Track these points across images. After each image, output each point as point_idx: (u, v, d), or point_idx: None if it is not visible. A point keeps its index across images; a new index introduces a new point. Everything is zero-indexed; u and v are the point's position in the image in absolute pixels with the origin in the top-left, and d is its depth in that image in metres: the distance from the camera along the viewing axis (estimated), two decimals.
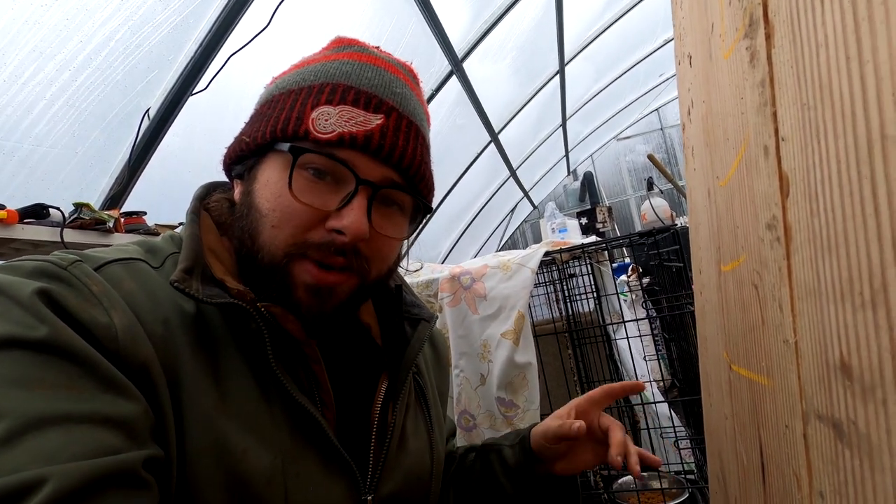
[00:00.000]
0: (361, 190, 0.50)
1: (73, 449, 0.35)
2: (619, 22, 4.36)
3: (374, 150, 0.50)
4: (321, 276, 0.50)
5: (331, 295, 0.51)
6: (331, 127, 0.49)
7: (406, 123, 0.53)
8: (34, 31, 1.48)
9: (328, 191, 0.51)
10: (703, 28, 0.49)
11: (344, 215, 0.49)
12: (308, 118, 0.50)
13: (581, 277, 1.76)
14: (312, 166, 0.50)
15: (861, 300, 0.22)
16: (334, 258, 0.50)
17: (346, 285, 0.52)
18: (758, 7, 0.32)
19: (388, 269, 0.58)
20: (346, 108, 0.50)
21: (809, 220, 0.27)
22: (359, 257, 0.52)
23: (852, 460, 0.24)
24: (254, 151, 0.53)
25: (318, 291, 0.51)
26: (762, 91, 0.33)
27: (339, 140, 0.49)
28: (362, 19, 2.49)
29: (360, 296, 0.55)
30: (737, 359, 0.46)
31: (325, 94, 0.51)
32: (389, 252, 0.56)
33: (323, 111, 0.50)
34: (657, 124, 8.28)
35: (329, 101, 0.50)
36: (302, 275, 0.50)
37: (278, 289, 0.51)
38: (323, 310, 0.52)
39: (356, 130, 0.49)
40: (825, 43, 0.24)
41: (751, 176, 0.36)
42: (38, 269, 0.42)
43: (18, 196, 1.65)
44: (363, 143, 0.50)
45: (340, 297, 0.52)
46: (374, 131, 0.50)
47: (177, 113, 1.96)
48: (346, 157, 0.50)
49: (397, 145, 0.51)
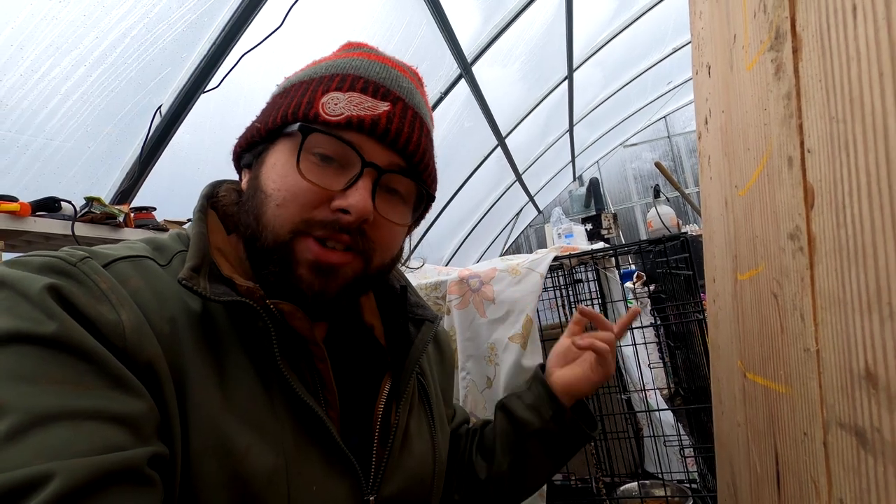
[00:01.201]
0: (367, 172, 0.51)
1: (79, 445, 0.35)
2: (628, 29, 4.36)
3: (381, 135, 0.51)
4: (324, 253, 0.51)
5: (334, 275, 0.52)
6: (339, 110, 0.51)
7: (412, 114, 0.54)
8: (52, 27, 1.49)
9: (335, 174, 0.52)
10: (725, 39, 0.49)
11: (349, 195, 0.50)
12: (318, 102, 0.52)
13: (587, 283, 1.76)
14: (319, 151, 0.51)
15: (889, 311, 0.23)
16: (339, 236, 0.51)
17: (350, 267, 0.53)
18: (785, 21, 0.33)
19: (391, 258, 0.58)
20: (355, 95, 0.52)
21: (835, 231, 0.27)
22: (364, 238, 0.53)
23: (876, 467, 0.24)
24: (264, 137, 0.55)
25: (320, 269, 0.51)
26: (787, 103, 0.33)
27: (347, 122, 0.51)
28: (374, 21, 2.50)
29: (363, 283, 0.55)
30: (752, 367, 0.46)
31: (335, 81, 0.53)
32: (393, 239, 0.57)
33: (332, 96, 0.52)
34: (664, 132, 8.27)
35: (339, 88, 0.52)
36: (304, 252, 0.51)
37: (280, 266, 0.51)
38: (325, 289, 0.52)
39: (364, 114, 0.51)
40: (857, 58, 0.25)
41: (773, 186, 0.37)
42: (47, 265, 0.42)
43: (31, 189, 1.67)
44: (370, 127, 0.51)
45: (344, 279, 0.53)
46: (381, 116, 0.52)
47: (188, 110, 1.97)
48: (353, 140, 0.51)
49: (403, 131, 0.53)
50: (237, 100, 2.15)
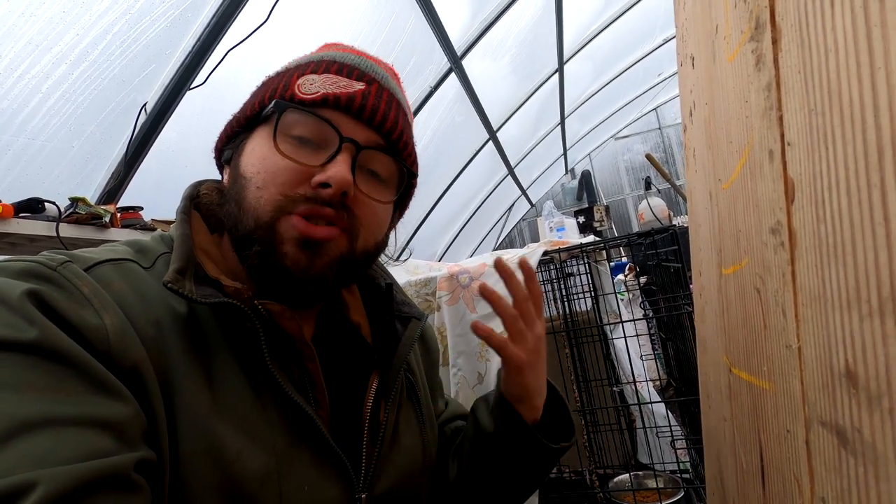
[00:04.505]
0: (345, 148, 0.51)
1: (63, 452, 0.34)
2: (618, 21, 4.35)
3: (357, 112, 0.52)
4: (308, 228, 0.50)
5: (319, 251, 0.51)
6: (315, 89, 0.52)
7: (387, 94, 0.55)
8: (30, 24, 1.46)
9: (312, 153, 0.52)
10: (707, 30, 0.49)
11: (328, 168, 0.50)
12: (294, 85, 0.53)
13: (579, 276, 1.76)
14: (297, 133, 0.52)
15: (869, 308, 0.22)
16: (322, 209, 0.50)
17: (335, 244, 0.52)
18: (764, 10, 0.32)
19: (375, 242, 0.57)
20: (330, 76, 0.53)
21: (815, 226, 0.27)
22: (349, 214, 0.52)
23: (856, 468, 0.24)
24: (243, 126, 0.55)
25: (306, 243, 0.50)
26: (768, 95, 0.32)
27: (322, 100, 0.51)
28: (361, 15, 2.48)
29: (350, 265, 0.54)
30: (737, 362, 0.46)
31: (310, 66, 0.54)
32: (377, 217, 0.56)
33: (308, 78, 0.53)
34: (655, 123, 8.28)
35: (314, 72, 0.54)
36: (289, 230, 0.50)
37: (264, 245, 0.50)
38: (311, 266, 0.50)
39: (339, 92, 0.52)
40: (835, 48, 0.24)
41: (755, 180, 0.36)
42: (26, 270, 0.41)
43: (14, 190, 1.64)
44: (346, 104, 0.52)
45: (330, 256, 0.51)
46: (356, 93, 0.52)
47: (174, 108, 1.94)
48: (330, 117, 0.51)
49: (379, 108, 0.53)
50: (224, 96, 2.12)
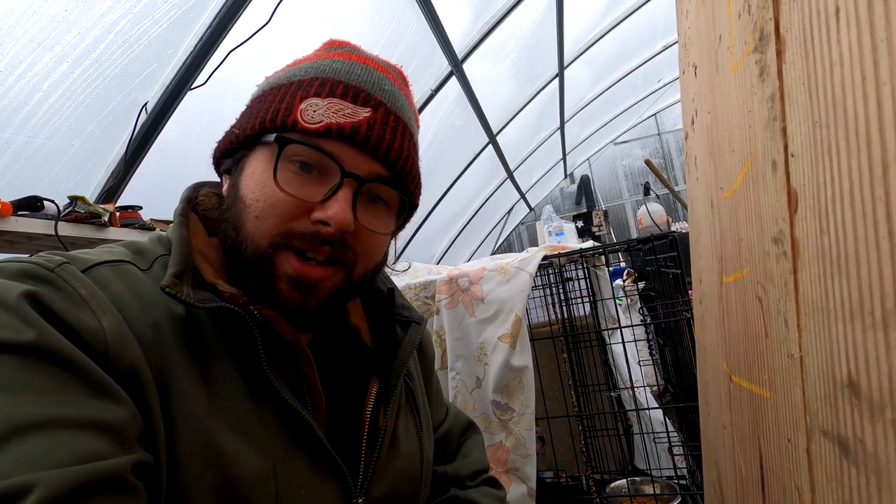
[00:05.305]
0: (347, 183, 0.50)
1: (59, 455, 0.34)
2: (618, 27, 4.37)
3: (361, 142, 0.50)
4: (304, 269, 0.50)
5: (314, 290, 0.51)
6: (318, 117, 0.50)
7: (394, 119, 0.53)
8: (32, 21, 1.46)
9: (314, 183, 0.51)
10: (710, 39, 0.49)
11: (328, 206, 0.49)
12: (296, 109, 0.50)
13: (577, 281, 1.76)
14: (298, 159, 0.50)
15: (872, 320, 0.22)
16: (319, 248, 0.50)
17: (331, 281, 0.52)
18: (769, 22, 0.32)
19: (374, 266, 0.57)
20: (334, 101, 0.51)
21: (818, 237, 0.27)
22: (346, 248, 0.52)
23: (858, 478, 0.24)
24: (242, 144, 0.54)
25: (300, 284, 0.50)
26: (771, 106, 0.33)
27: (326, 130, 0.49)
28: (363, 17, 2.48)
29: (347, 292, 0.55)
30: (737, 370, 0.46)
31: (314, 87, 0.51)
32: (376, 247, 0.56)
33: (311, 102, 0.50)
34: (654, 129, 8.30)
35: (318, 94, 0.51)
36: (284, 266, 0.50)
37: (261, 280, 0.50)
38: (306, 303, 0.51)
39: (343, 122, 0.50)
40: (840, 62, 0.24)
41: (757, 189, 0.37)
42: (23, 271, 0.41)
43: (13, 188, 1.64)
44: (350, 135, 0.50)
45: (325, 293, 0.52)
46: (361, 123, 0.50)
47: (175, 108, 1.94)
48: (333, 150, 0.50)
49: (384, 138, 0.52)
50: (225, 97, 2.12)
